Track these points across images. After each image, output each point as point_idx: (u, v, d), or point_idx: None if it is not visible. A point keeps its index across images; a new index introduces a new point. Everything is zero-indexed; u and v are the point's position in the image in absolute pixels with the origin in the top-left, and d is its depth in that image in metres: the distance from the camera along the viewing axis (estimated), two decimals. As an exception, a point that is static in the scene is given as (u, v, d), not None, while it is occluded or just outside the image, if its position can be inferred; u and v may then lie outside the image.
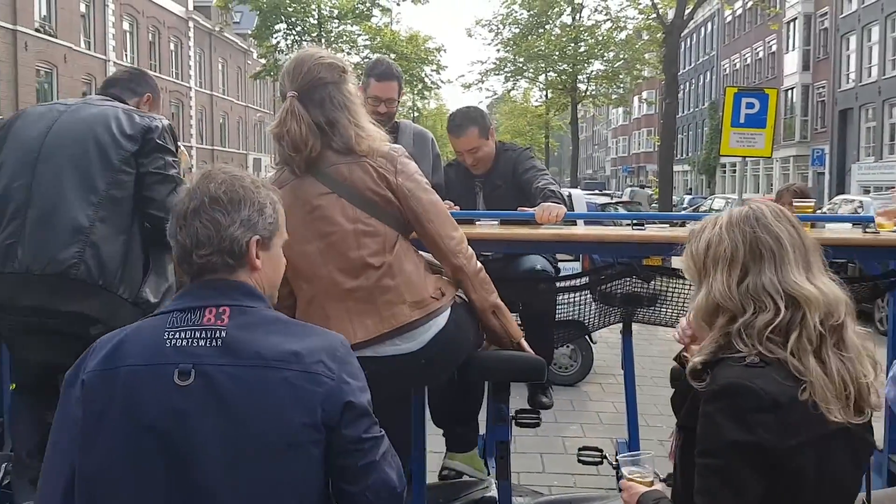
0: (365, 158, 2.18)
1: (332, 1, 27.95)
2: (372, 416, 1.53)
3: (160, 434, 1.41)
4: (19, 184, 2.42)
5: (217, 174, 1.58)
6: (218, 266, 1.54)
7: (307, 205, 2.18)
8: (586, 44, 28.56)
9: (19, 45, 26.05)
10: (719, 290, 1.56)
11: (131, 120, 2.52)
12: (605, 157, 76.46)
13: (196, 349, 1.45)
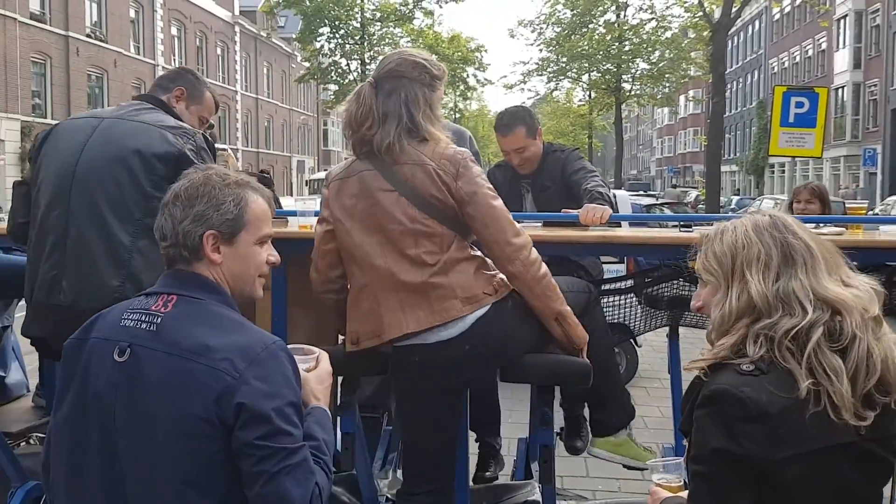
0: (429, 161, 2.23)
1: (374, 3, 28.13)
2: (275, 425, 1.49)
3: (100, 403, 1.57)
4: (57, 213, 2.40)
5: (194, 173, 1.71)
6: (177, 258, 1.66)
7: (370, 198, 2.26)
8: (631, 43, 28.23)
9: (71, 51, 26.80)
10: (757, 290, 1.51)
11: (164, 141, 2.43)
12: (650, 158, 75.54)
13: (137, 331, 1.59)
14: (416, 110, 2.26)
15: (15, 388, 3.69)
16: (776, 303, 1.50)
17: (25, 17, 24.56)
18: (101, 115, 2.55)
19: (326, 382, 1.80)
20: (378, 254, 2.23)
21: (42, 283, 2.38)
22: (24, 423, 3.35)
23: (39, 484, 2.77)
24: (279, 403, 1.51)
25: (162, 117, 2.53)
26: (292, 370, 1.60)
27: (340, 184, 2.33)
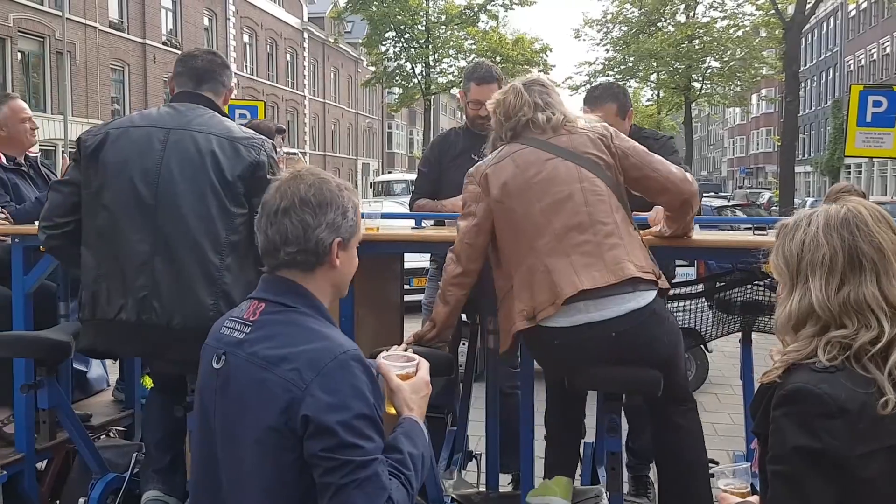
0: (583, 131, 2.40)
1: (439, 7, 28.27)
2: (341, 438, 1.46)
3: (203, 408, 1.66)
4: (138, 238, 2.40)
5: (307, 176, 1.69)
6: (301, 263, 1.66)
7: (528, 171, 2.36)
8: (701, 41, 27.61)
9: (148, 58, 27.79)
10: (817, 297, 1.46)
11: (237, 155, 2.44)
12: (722, 158, 73.68)
13: (229, 338, 1.65)
14: (565, 108, 2.47)
15: (96, 382, 3.84)
16: (845, 312, 1.45)
17: (105, 26, 25.58)
18: (165, 125, 2.49)
19: (423, 392, 1.73)
20: (544, 222, 2.28)
21: (131, 304, 2.40)
22: (104, 417, 3.48)
23: (119, 476, 2.87)
24: (346, 416, 1.48)
25: (227, 124, 2.54)
26: (366, 380, 1.55)
27: (493, 170, 2.41)
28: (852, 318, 1.44)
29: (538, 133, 2.40)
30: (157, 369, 2.74)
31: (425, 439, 1.67)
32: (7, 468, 2.86)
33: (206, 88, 2.61)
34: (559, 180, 2.31)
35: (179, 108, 2.55)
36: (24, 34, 22.27)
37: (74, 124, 22.89)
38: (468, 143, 3.59)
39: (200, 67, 2.62)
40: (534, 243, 2.28)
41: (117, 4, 26.66)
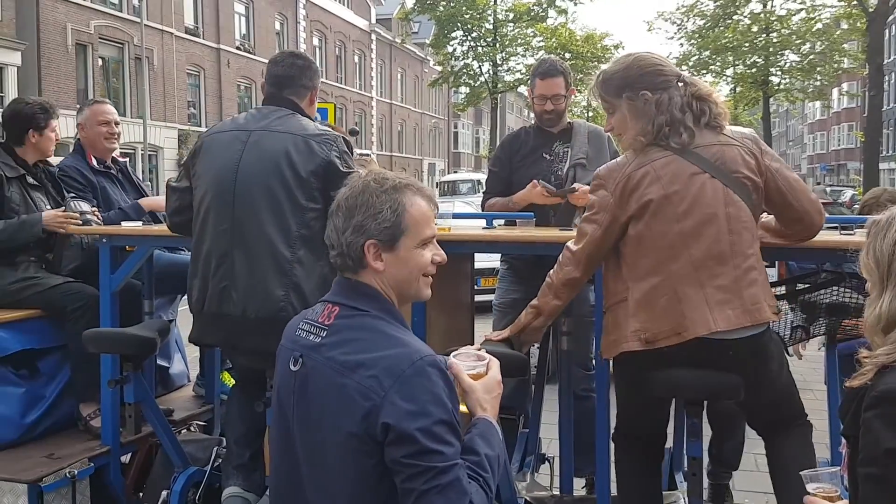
0: (734, 141, 2.19)
1: (507, 4, 28.14)
2: (422, 445, 1.46)
3: (281, 406, 1.68)
4: (223, 228, 2.52)
5: (355, 181, 1.73)
6: (345, 266, 1.69)
7: (671, 186, 2.15)
8: (779, 34, 26.69)
9: (222, 63, 28.57)
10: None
11: (311, 152, 2.51)
12: (801, 155, 71.20)
13: (306, 341, 1.66)
14: (712, 105, 2.24)
15: (177, 378, 3.96)
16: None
17: (181, 32, 26.42)
18: (248, 128, 2.62)
19: (495, 392, 1.71)
20: (681, 244, 2.10)
21: (213, 294, 2.53)
22: (185, 412, 3.58)
23: (200, 469, 2.95)
24: (425, 423, 1.47)
25: (304, 123, 2.62)
26: (444, 385, 1.54)
27: (630, 179, 2.20)
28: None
29: (681, 139, 2.17)
30: (237, 363, 2.82)
31: (500, 440, 1.66)
32: (94, 460, 2.96)
33: (288, 92, 2.71)
34: (704, 202, 2.11)
35: (263, 111, 2.68)
36: (104, 41, 23.19)
37: (152, 128, 23.74)
38: (538, 141, 3.55)
39: (281, 74, 2.73)
40: (666, 265, 2.11)
41: (193, 11, 27.49)
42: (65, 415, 3.18)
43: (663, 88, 2.21)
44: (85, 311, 3.12)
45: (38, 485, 2.73)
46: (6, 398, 3.00)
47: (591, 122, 3.95)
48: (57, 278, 3.23)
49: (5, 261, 3.18)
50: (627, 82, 2.24)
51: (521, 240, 2.76)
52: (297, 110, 2.68)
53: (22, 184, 3.32)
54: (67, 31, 21.54)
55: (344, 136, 2.65)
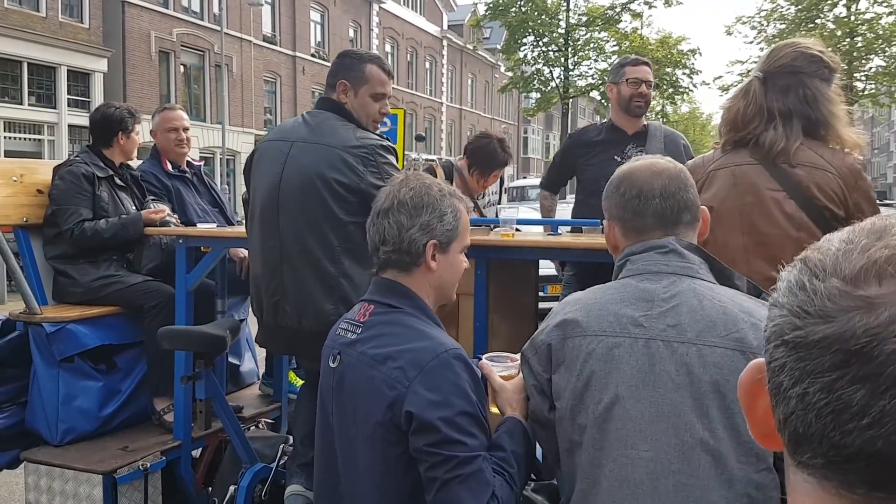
0: (830, 167, 2.05)
1: (580, 9, 27.85)
2: (444, 434, 1.51)
3: (322, 402, 1.75)
4: (271, 244, 2.55)
5: (412, 181, 1.75)
6: (397, 263, 1.72)
7: (748, 195, 2.07)
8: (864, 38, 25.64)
9: (298, 70, 29.20)
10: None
11: (346, 166, 2.46)
12: (887, 163, 68.15)
13: (344, 339, 1.73)
14: (819, 108, 2.08)
15: (247, 376, 4.06)
16: None
17: (259, 40, 27.12)
18: (290, 138, 2.60)
19: (525, 392, 1.73)
20: (742, 259, 2.02)
21: (268, 307, 2.59)
22: (253, 409, 3.67)
23: (267, 466, 3.02)
24: (448, 413, 1.52)
25: (343, 134, 2.52)
26: (469, 378, 1.59)
27: (711, 177, 2.15)
28: None
29: (779, 157, 2.06)
30: (304, 366, 2.88)
31: (528, 438, 1.68)
32: (166, 454, 3.07)
33: (329, 92, 2.68)
34: (776, 221, 2.03)
35: (307, 119, 2.65)
36: (186, 48, 24.00)
37: (231, 133, 24.43)
38: (611, 139, 3.49)
39: (328, 74, 2.72)
40: None
41: (270, 19, 28.20)
42: (139, 409, 3.30)
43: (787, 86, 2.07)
44: (161, 308, 3.24)
45: (113, 476, 2.84)
46: (85, 391, 3.13)
47: (670, 128, 3.84)
48: (136, 277, 3.36)
49: (88, 258, 3.32)
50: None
51: (585, 246, 2.72)
52: (335, 108, 2.61)
53: (111, 184, 3.47)
54: (151, 39, 22.39)
55: (384, 144, 2.56)
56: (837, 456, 0.52)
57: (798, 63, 2.08)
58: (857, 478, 0.51)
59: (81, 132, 19.22)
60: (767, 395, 0.57)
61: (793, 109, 2.06)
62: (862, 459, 0.50)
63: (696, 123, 50.44)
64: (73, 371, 3.12)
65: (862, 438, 0.50)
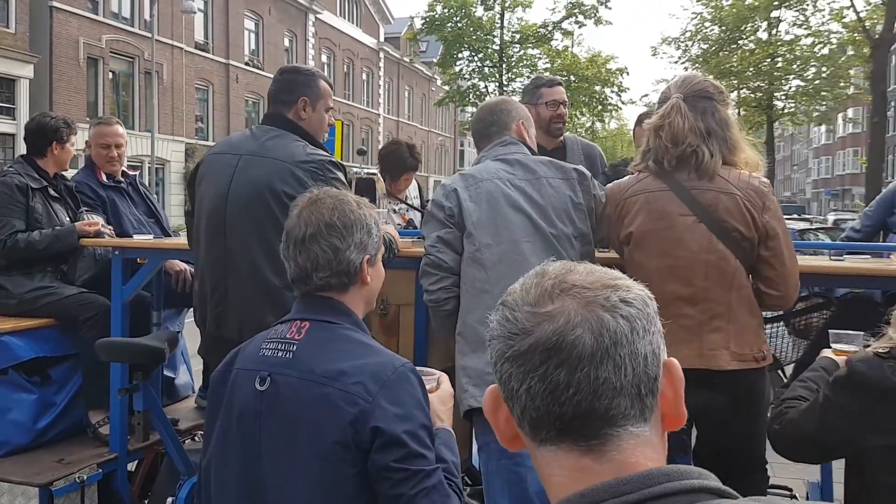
0: (735, 191, 2.16)
1: (513, 27, 28.40)
2: (410, 448, 1.47)
3: (244, 431, 1.59)
4: (214, 256, 2.55)
5: (325, 199, 1.70)
6: (336, 285, 1.67)
7: (661, 221, 2.18)
8: (784, 59, 26.88)
9: (231, 78, 28.83)
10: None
11: (296, 180, 2.45)
12: (806, 179, 71.21)
13: (275, 359, 1.61)
14: (729, 131, 2.23)
15: (182, 388, 4.03)
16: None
17: (191, 47, 26.70)
18: (239, 151, 2.59)
19: (449, 403, 1.76)
20: (657, 280, 2.08)
21: (211, 318, 2.58)
22: (190, 422, 3.65)
23: (205, 477, 3.02)
24: (412, 426, 1.50)
25: (292, 148, 2.53)
26: (422, 392, 1.59)
27: (627, 203, 2.28)
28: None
29: (687, 174, 2.18)
30: None
31: (457, 448, 1.71)
32: (102, 466, 3.04)
33: (276, 108, 2.67)
34: (685, 246, 2.13)
35: (255, 132, 2.65)
36: (115, 55, 23.45)
37: (161, 141, 23.94)
38: None
39: (270, 91, 2.74)
40: None
41: (203, 26, 27.80)
42: (74, 421, 3.26)
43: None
44: (96, 320, 3.20)
45: (49, 488, 2.80)
46: (19, 404, 3.08)
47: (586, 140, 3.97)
48: (71, 288, 3.32)
49: (22, 270, 3.27)
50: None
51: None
52: (289, 126, 2.62)
53: (44, 195, 3.42)
54: (79, 45, 21.80)
55: (332, 160, 2.59)
56: (561, 423, 0.75)
57: (709, 90, 2.24)
58: (577, 434, 0.75)
59: (5, 139, 18.56)
60: (505, 407, 0.80)
61: (712, 130, 2.20)
62: (577, 419, 0.75)
63: (624, 139, 51.79)
64: (6, 384, 3.06)
65: (572, 404, 0.74)
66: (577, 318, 0.76)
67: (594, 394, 0.74)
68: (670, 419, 0.80)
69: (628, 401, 0.75)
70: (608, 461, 0.75)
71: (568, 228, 2.34)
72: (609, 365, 0.75)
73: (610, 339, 0.75)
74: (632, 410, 0.76)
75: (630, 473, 0.73)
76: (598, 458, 0.75)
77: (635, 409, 0.76)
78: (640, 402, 0.76)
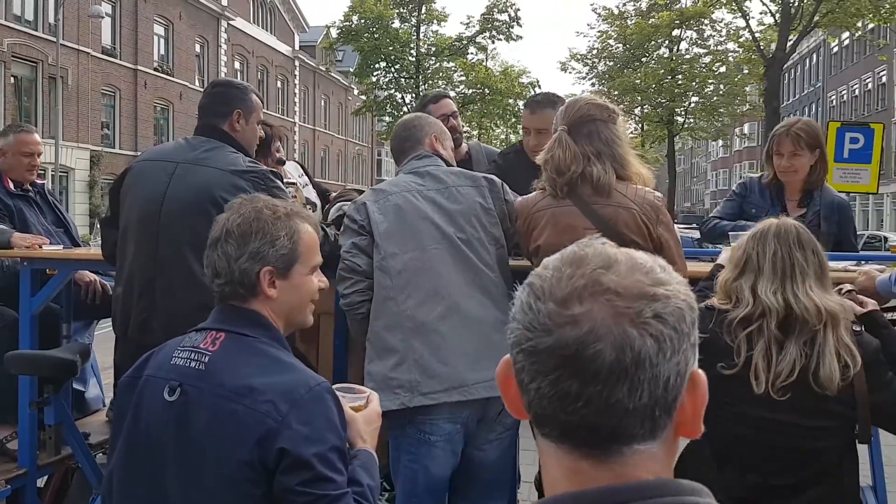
0: (633, 205, 2.31)
1: (429, 39, 28.71)
2: (317, 471, 1.43)
3: (151, 441, 1.53)
4: (143, 260, 2.52)
5: (243, 206, 1.65)
6: (232, 295, 1.62)
7: (566, 234, 2.26)
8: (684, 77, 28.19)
9: (139, 84, 27.98)
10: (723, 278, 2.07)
11: (236, 189, 2.43)
12: (705, 190, 74.39)
13: (186, 369, 1.55)
14: (616, 146, 2.36)
15: (93, 402, 3.95)
16: (731, 293, 2.07)
17: (97, 52, 25.78)
18: (175, 159, 2.59)
19: (375, 424, 1.71)
20: None
21: (135, 324, 2.56)
22: (101, 435, 3.58)
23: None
24: (321, 449, 1.45)
25: (231, 158, 2.55)
26: (337, 413, 1.53)
27: (534, 218, 2.40)
28: (733, 296, 2.05)
29: (589, 190, 2.32)
30: None
31: (378, 471, 1.66)
32: (11, 483, 2.97)
33: (209, 121, 2.70)
34: None
35: (192, 142, 2.67)
36: (17, 59, 22.43)
37: (65, 148, 22.97)
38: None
39: (201, 104, 2.76)
40: None
41: (110, 31, 26.89)
42: (-20, 437, 3.17)
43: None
44: (3, 333, 3.13)
45: (-46, 506, 2.73)
46: (-79, 420, 2.98)
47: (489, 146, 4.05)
48: (-24, 301, 3.23)
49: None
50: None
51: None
52: (225, 138, 2.64)
53: None
54: (-24, 48, 20.76)
55: (273, 170, 2.64)
56: (566, 428, 0.74)
57: (592, 112, 2.40)
58: (581, 440, 0.74)
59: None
60: (514, 381, 0.78)
61: (601, 150, 2.34)
62: (582, 429, 0.73)
63: (539, 150, 52.73)
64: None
65: (579, 415, 0.72)
66: (601, 330, 0.71)
67: (603, 412, 0.71)
68: (685, 429, 0.77)
69: (639, 421, 0.72)
70: (607, 470, 0.73)
71: (478, 233, 2.46)
72: (624, 386, 0.71)
73: (631, 360, 0.71)
74: (641, 430, 0.73)
75: (626, 482, 0.72)
76: (597, 466, 0.73)
77: (645, 429, 0.73)
78: (651, 423, 0.73)
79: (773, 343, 1.95)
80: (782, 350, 1.95)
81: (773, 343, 1.95)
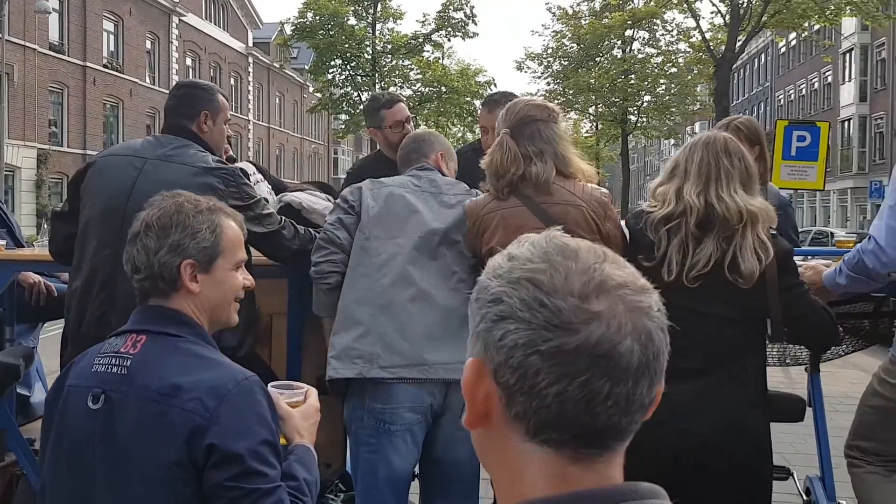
0: (581, 202, 2.35)
1: (385, 37, 28.63)
2: (247, 465, 1.41)
3: (77, 451, 1.51)
4: (107, 253, 2.47)
5: (164, 201, 1.63)
6: (153, 290, 1.58)
7: (517, 234, 2.23)
8: (637, 77, 28.64)
9: (88, 80, 27.35)
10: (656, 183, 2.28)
11: (211, 187, 2.42)
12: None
13: (108, 375, 1.51)
14: (557, 145, 2.39)
15: (38, 407, 3.83)
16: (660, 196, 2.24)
17: (44, 48, 25.12)
18: (143, 155, 2.56)
19: (313, 419, 1.70)
20: None
21: (91, 318, 2.49)
22: (48, 441, 3.51)
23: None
24: (251, 443, 1.44)
25: (200, 156, 2.55)
26: (268, 407, 1.52)
27: (484, 221, 2.41)
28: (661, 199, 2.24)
29: (532, 190, 2.35)
30: None
31: (316, 466, 1.65)
32: (-49, 491, 2.88)
33: (185, 121, 2.67)
34: None
35: (161, 140, 2.64)
36: (-42, 54, 21.74)
37: (11, 147, 22.35)
38: (389, 171, 3.61)
39: (171, 105, 2.73)
40: None
41: (58, 27, 26.23)
42: (-82, 446, 3.06)
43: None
44: (-57, 337, 3.03)
45: None
46: None
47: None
48: (-87, 304, 3.12)
49: None
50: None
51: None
52: (193, 138, 2.63)
53: None
54: (-87, 42, 20.04)
55: (242, 168, 2.63)
56: (582, 430, 0.70)
57: (532, 113, 2.43)
58: (587, 443, 0.71)
59: None
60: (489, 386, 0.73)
61: (543, 150, 2.37)
62: (598, 429, 0.70)
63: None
64: None
65: (604, 416, 0.69)
66: (627, 327, 0.70)
67: (626, 409, 0.70)
68: None
69: (641, 417, 0.72)
70: (593, 471, 0.72)
71: (462, 240, 2.50)
72: (645, 381, 0.70)
73: (653, 354, 0.71)
74: (635, 426, 0.72)
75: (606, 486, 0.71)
76: (586, 468, 0.71)
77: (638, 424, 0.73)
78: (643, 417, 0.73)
79: (691, 239, 2.12)
80: (700, 245, 2.11)
81: (691, 239, 2.12)
